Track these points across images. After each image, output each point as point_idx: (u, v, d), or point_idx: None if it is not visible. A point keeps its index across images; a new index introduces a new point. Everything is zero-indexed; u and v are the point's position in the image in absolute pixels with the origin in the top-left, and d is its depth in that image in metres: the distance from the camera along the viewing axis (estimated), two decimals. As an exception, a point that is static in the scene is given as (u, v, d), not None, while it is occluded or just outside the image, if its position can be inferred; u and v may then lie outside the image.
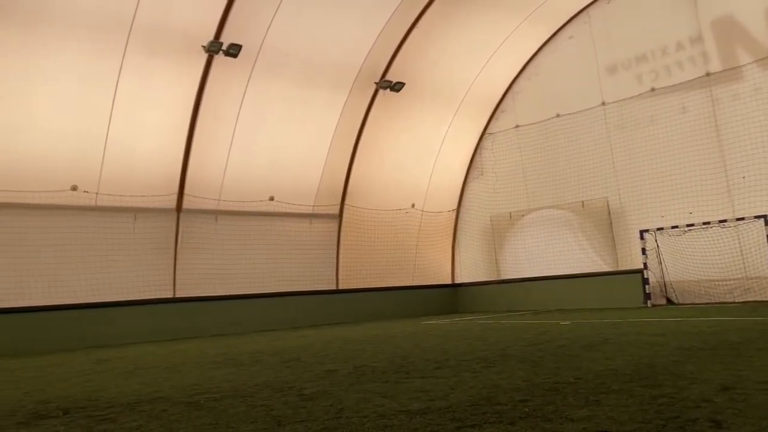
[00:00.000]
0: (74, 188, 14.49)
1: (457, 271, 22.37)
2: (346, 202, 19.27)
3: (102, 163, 14.68)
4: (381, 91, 18.48)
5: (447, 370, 6.30)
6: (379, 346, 9.73)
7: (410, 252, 21.01)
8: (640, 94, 18.67)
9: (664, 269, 17.92)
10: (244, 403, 5.04)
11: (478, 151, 21.97)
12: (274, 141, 17.29)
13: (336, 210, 19.19)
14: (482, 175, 21.90)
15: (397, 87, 18.53)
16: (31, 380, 7.84)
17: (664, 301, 17.91)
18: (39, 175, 13.85)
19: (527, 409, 4.10)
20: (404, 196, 20.66)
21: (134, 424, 4.47)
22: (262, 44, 15.79)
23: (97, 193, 14.82)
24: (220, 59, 15.23)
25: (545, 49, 20.56)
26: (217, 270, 16.71)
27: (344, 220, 19.31)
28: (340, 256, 19.27)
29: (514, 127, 21.28)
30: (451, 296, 21.90)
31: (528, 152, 20.88)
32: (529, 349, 7.85)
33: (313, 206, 18.73)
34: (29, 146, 13.64)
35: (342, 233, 19.27)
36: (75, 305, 14.17)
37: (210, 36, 14.82)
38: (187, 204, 16.20)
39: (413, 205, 20.98)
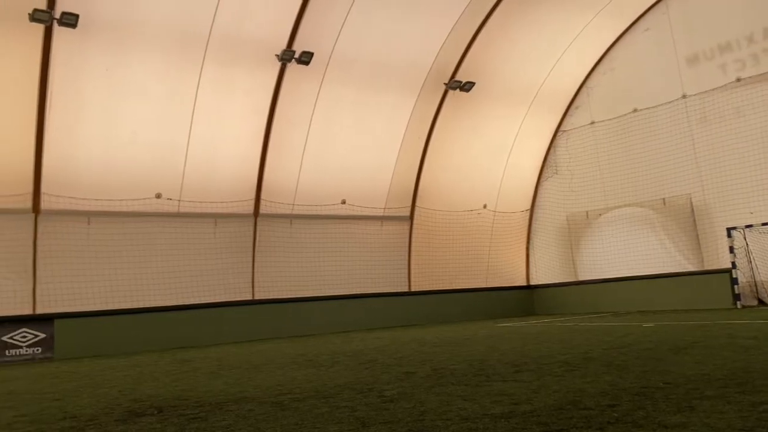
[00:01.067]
0: (159, 196, 15.19)
1: (532, 272, 21.96)
2: (417, 204, 19.29)
3: (183, 171, 15.32)
4: (450, 92, 18.40)
5: (527, 374, 6.19)
6: (455, 348, 9.68)
7: (483, 253, 20.79)
8: (724, 85, 17.75)
9: (755, 268, 16.95)
10: (327, 404, 5.13)
11: (552, 149, 21.50)
12: (346, 145, 17.53)
13: (407, 212, 19.23)
14: (556, 173, 21.41)
15: (466, 87, 18.40)
16: (123, 379, 8.26)
17: (755, 302, 16.94)
18: (127, 185, 14.61)
19: (616, 414, 3.98)
20: (476, 196, 20.47)
21: (224, 423, 4.63)
22: (332, 50, 16.04)
23: (179, 200, 15.48)
24: (292, 67, 15.59)
25: (621, 42, 19.89)
26: (292, 272, 17.10)
27: (415, 222, 19.33)
28: (412, 258, 19.30)
29: (589, 124, 20.69)
30: (526, 298, 21.51)
31: (604, 149, 20.25)
32: (612, 353, 7.61)
33: (384, 208, 18.85)
34: (119, 158, 14.42)
35: (413, 235, 19.30)
36: (160, 308, 14.83)
37: (283, 45, 15.20)
38: (263, 209, 16.66)
39: (485, 206, 20.75)
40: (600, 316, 17.29)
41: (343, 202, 17.97)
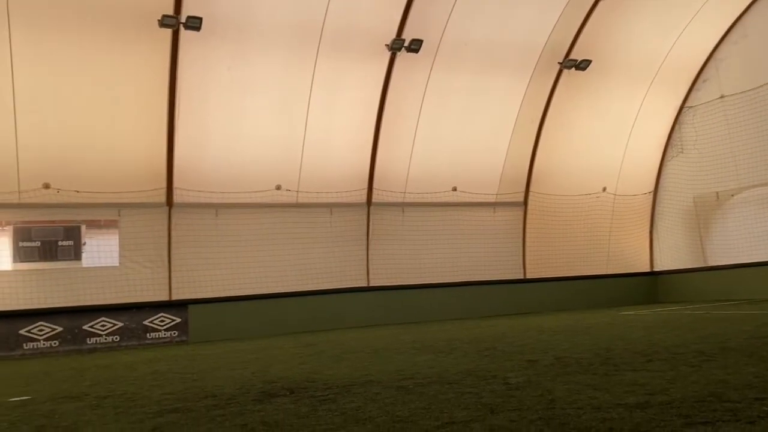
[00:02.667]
0: (278, 188, 15.88)
1: (656, 257, 20.80)
2: (531, 189, 18.82)
3: (301, 163, 15.90)
4: (565, 71, 17.73)
5: (659, 363, 5.89)
6: (577, 337, 9.38)
7: (602, 238, 19.95)
8: None
9: None
10: (451, 390, 5.16)
11: (677, 126, 20.16)
12: (456, 132, 17.41)
13: (520, 197, 18.82)
14: (682, 152, 20.07)
15: (582, 65, 17.64)
16: (254, 361, 8.74)
17: None
18: (249, 178, 15.40)
19: (767, 409, 3.69)
20: (594, 179, 19.65)
21: (353, 405, 4.79)
22: (441, 37, 15.95)
23: (297, 191, 16.10)
24: (402, 56, 15.68)
25: (755, 7, 18.22)
26: (405, 260, 17.29)
27: (529, 207, 18.88)
28: (527, 245, 18.89)
29: (718, 98, 19.18)
30: (649, 285, 20.42)
31: (736, 124, 18.70)
32: (754, 342, 7.07)
33: (497, 194, 18.56)
34: (241, 153, 15.23)
35: (528, 221, 18.87)
36: (283, 294, 15.51)
37: (392, 34, 15.31)
38: (375, 198, 16.95)
39: (604, 189, 19.88)
40: (734, 303, 16.08)
41: (454, 189, 17.88)
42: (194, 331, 14.43)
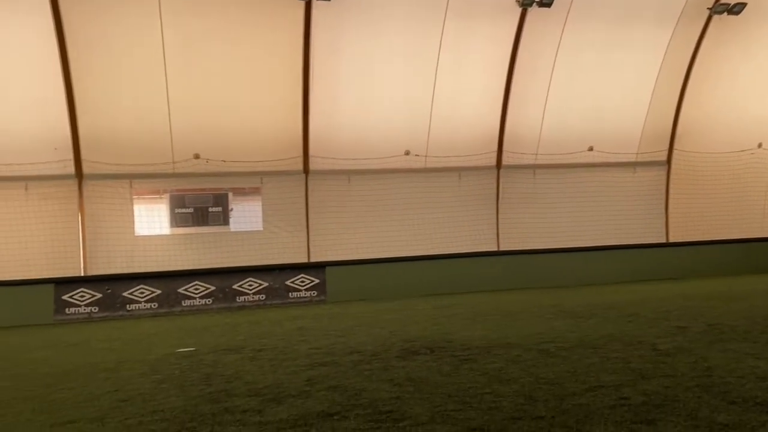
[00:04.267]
0: (407, 153, 16.04)
1: (821, 219, 18.71)
2: (675, 146, 17.53)
3: (429, 128, 15.92)
4: (715, 17, 16.15)
5: (832, 334, 5.39)
6: (730, 304, 8.76)
7: (758, 198, 18.23)
8: None
9: None
10: (595, 354, 5.05)
11: None
12: (591, 88, 16.52)
13: (663, 156, 17.61)
14: None
15: (736, 9, 15.98)
16: (391, 321, 9.03)
17: None
18: (379, 144, 15.67)
19: None
20: (748, 135, 17.89)
21: (495, 366, 4.84)
22: (575, -12, 15.12)
23: (426, 156, 16.17)
24: (533, 11, 15.06)
25: None
26: (536, 223, 16.87)
27: (673, 166, 17.62)
28: (670, 206, 17.70)
29: None
30: (813, 249, 18.43)
31: None
32: None
33: (637, 154, 17.50)
34: (372, 119, 15.50)
35: (671, 181, 17.65)
36: (413, 257, 15.75)
37: (520, -11, 14.74)
38: (505, 160, 16.61)
39: (760, 145, 18.07)
40: None
41: (590, 149, 17.08)
42: (332, 292, 15.10)
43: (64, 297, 13.51)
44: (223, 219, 15.49)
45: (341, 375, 4.84)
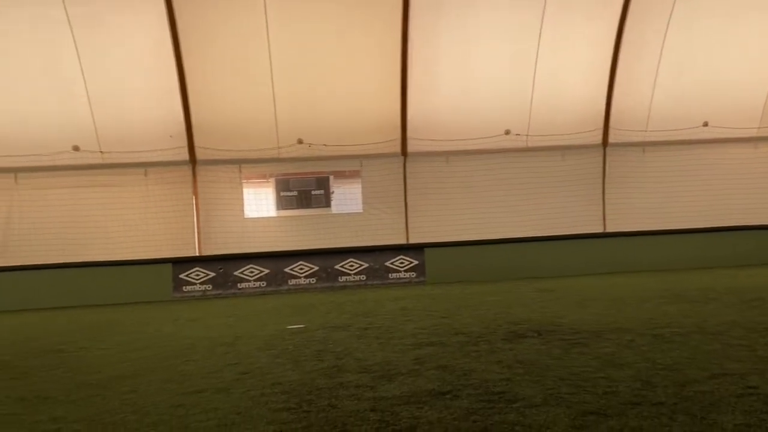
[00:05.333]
0: (507, 132, 15.75)
1: None
2: (803, 119, 16.12)
3: (530, 106, 15.53)
4: None
5: None
6: None
7: None
8: None
9: None
10: (716, 341, 4.80)
11: None
12: (707, 59, 15.45)
13: (790, 130, 16.25)
14: None
15: None
16: (494, 304, 8.97)
17: None
18: (479, 124, 15.49)
19: None
20: None
21: (607, 351, 4.71)
22: (689, -49, 14.15)
23: (527, 135, 15.81)
24: (642, -20, 14.27)
25: None
26: (646, 203, 16.10)
27: (801, 140, 16.23)
28: (798, 184, 16.34)
29: None
30: None
31: None
32: None
33: (758, 128, 16.24)
34: (470, 99, 15.33)
35: (798, 157, 16.27)
36: (513, 239, 15.51)
37: (630, -44, 13.98)
38: (612, 138, 15.94)
39: None
40: None
41: (705, 125, 16.03)
42: (431, 273, 15.18)
43: (181, 276, 14.43)
44: (325, 201, 15.93)
45: (449, 355, 4.89)
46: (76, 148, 14.76)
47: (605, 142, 15.96)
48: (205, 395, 3.97)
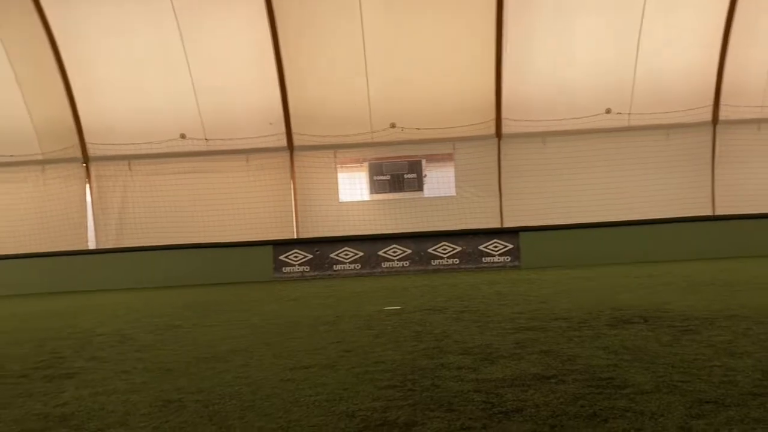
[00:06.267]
0: (608, 111, 15.15)
1: None
2: None
3: (633, 83, 14.85)
4: None
5: None
6: None
7: None
8: None
9: None
10: None
11: None
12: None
13: None
14: None
15: None
16: (594, 289, 8.71)
17: None
18: (576, 103, 15.00)
19: None
20: None
21: (722, 338, 4.48)
22: None
23: (629, 114, 15.14)
24: (759, -58, 13.23)
25: None
26: (761, 185, 15.04)
27: None
28: None
29: None
30: None
31: None
32: None
33: None
34: (567, 78, 14.88)
35: None
36: (612, 222, 14.90)
37: None
38: (723, 114, 14.98)
39: None
40: None
41: (830, 98, 14.73)
42: (526, 257, 14.93)
43: (281, 257, 14.99)
44: (418, 185, 16.00)
45: (550, 340, 4.82)
46: (183, 136, 15.61)
47: (715, 119, 15.05)
48: (313, 371, 4.13)
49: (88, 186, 16.00)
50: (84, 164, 15.90)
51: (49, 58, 15.01)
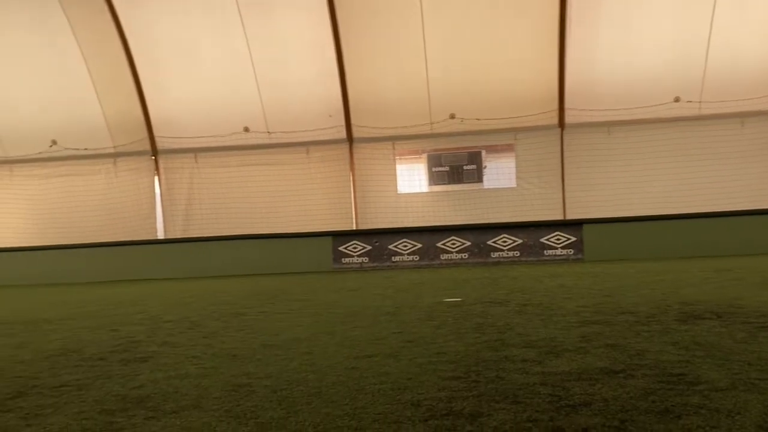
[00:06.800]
0: (677, 99, 14.58)
1: None
2: None
3: (705, 70, 14.23)
4: None
5: None
6: None
7: None
8: None
9: None
10: None
11: None
12: None
13: None
14: None
15: None
16: (661, 283, 8.43)
17: None
18: (644, 92, 14.51)
19: None
20: None
21: (803, 336, 4.28)
22: None
23: (700, 102, 14.54)
24: None
25: None
26: None
27: None
28: None
29: None
30: None
31: None
32: None
33: None
34: (636, 65, 14.41)
35: None
36: (683, 215, 14.33)
37: None
38: (803, 101, 14.18)
39: None
40: None
41: None
42: (589, 250, 14.58)
43: (340, 248, 15.16)
44: (477, 176, 15.86)
45: (617, 334, 4.71)
46: (246, 129, 15.98)
47: (795, 105, 14.25)
48: (376, 360, 4.18)
49: (156, 178, 16.61)
50: (153, 157, 16.51)
51: (121, 55, 15.63)
